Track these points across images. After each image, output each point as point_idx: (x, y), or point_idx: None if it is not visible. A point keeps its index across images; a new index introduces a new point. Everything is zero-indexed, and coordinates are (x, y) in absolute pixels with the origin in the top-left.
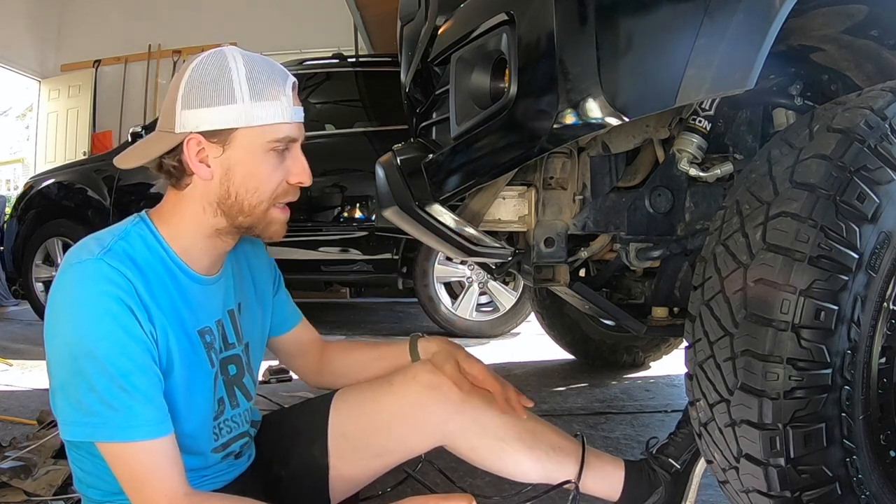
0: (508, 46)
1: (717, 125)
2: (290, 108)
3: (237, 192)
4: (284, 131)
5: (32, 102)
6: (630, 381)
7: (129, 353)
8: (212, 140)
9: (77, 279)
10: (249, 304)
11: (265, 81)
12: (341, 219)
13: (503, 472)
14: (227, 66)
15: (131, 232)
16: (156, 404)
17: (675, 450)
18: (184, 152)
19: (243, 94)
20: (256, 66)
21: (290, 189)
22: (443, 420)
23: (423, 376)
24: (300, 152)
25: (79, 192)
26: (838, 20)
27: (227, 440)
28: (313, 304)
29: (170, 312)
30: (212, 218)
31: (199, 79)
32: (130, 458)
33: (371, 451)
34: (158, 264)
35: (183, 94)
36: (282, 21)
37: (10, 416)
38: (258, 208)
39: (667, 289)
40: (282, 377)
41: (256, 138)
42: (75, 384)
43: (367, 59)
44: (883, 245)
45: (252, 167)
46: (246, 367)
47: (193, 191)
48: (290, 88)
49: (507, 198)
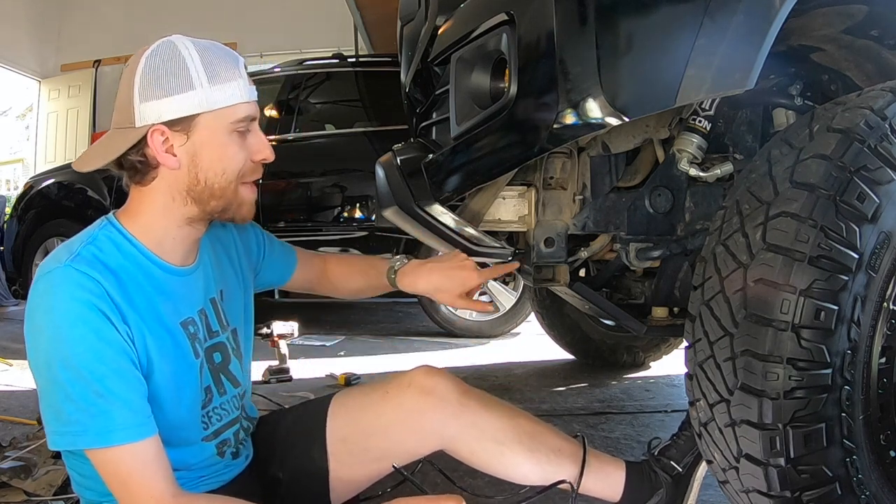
0: (508, 46)
1: (717, 125)
2: (247, 87)
3: (206, 177)
4: (244, 111)
5: (32, 102)
6: (630, 381)
7: (103, 357)
8: (175, 129)
9: (48, 288)
10: (231, 290)
11: (219, 64)
12: (341, 219)
13: (503, 474)
14: (180, 54)
15: (99, 235)
16: (134, 407)
17: (677, 452)
18: (148, 145)
19: (201, 79)
20: (208, 51)
21: (254, 167)
22: (441, 425)
23: (418, 381)
24: (259, 130)
25: (79, 192)
26: (838, 20)
27: (217, 428)
28: (313, 304)
29: (146, 311)
30: (182, 207)
31: (154, 70)
32: (114, 463)
33: (370, 456)
34: (130, 264)
35: (139, 87)
36: (282, 21)
37: (10, 416)
38: (228, 189)
39: (667, 289)
40: (282, 377)
41: (219, 121)
42: (53, 393)
43: (367, 59)
44: (883, 245)
45: (218, 150)
46: (233, 353)
47: (160, 183)
48: (242, 68)
49: (507, 198)
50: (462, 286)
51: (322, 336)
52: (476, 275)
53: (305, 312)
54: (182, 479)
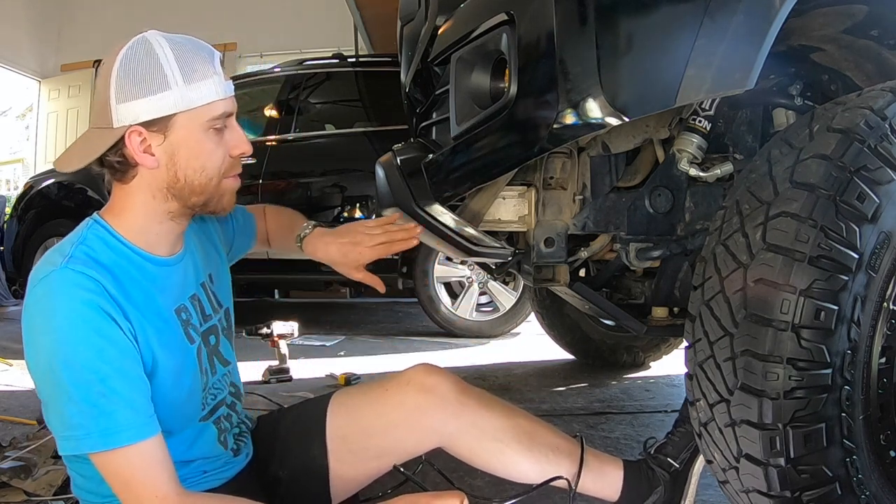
0: (508, 46)
1: (717, 125)
2: (223, 84)
3: (185, 175)
4: (221, 108)
5: (32, 102)
6: (630, 381)
7: (106, 356)
8: (152, 129)
9: (46, 292)
10: (219, 272)
11: (195, 62)
12: (341, 219)
13: (502, 473)
14: (154, 53)
15: (88, 235)
16: (137, 407)
17: (674, 449)
18: (126, 146)
19: (176, 78)
20: (183, 48)
21: (234, 162)
22: (441, 423)
23: (418, 379)
24: (236, 124)
25: (79, 192)
26: (838, 20)
27: (212, 406)
28: (313, 304)
29: (144, 304)
30: (163, 203)
31: (130, 70)
32: (118, 464)
33: (370, 454)
34: (122, 259)
35: (115, 88)
36: (282, 21)
37: (10, 416)
38: (209, 185)
39: (667, 289)
40: (282, 377)
41: (196, 120)
42: (56, 397)
43: (367, 59)
44: (883, 245)
45: (195, 149)
46: (223, 333)
47: (141, 181)
48: (217, 64)
49: (507, 198)
50: (356, 261)
51: (322, 336)
52: (368, 252)
53: (305, 312)
54: (185, 475)
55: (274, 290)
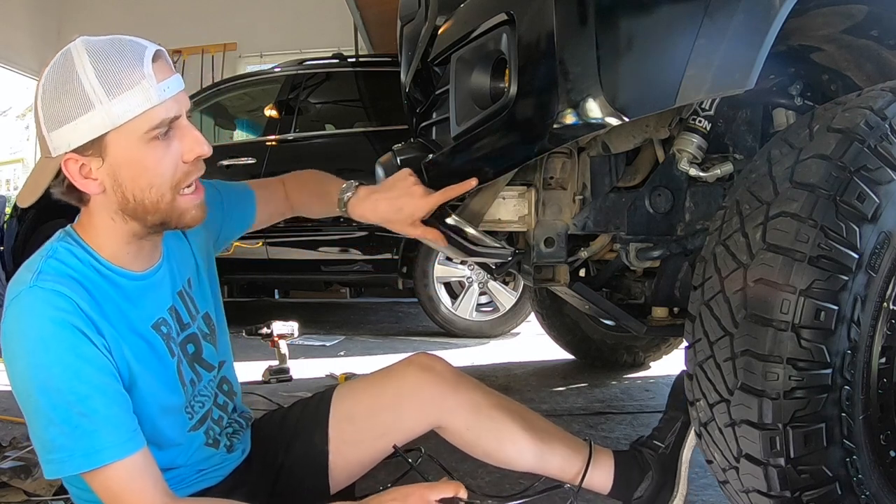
0: (508, 46)
1: (717, 125)
2: (156, 88)
3: (133, 194)
4: (159, 115)
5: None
6: (630, 381)
7: (82, 376)
8: (87, 154)
9: (17, 314)
10: (197, 275)
11: (118, 72)
12: (341, 219)
13: (499, 451)
14: (73, 71)
15: (59, 248)
16: (118, 424)
17: (660, 433)
18: (66, 174)
19: (98, 95)
20: (106, 58)
21: (190, 169)
22: (440, 396)
23: (418, 360)
24: (187, 124)
25: None
26: (838, 20)
27: (201, 415)
28: (313, 304)
29: (118, 319)
30: (124, 225)
31: (51, 94)
32: (104, 481)
33: (371, 434)
34: (94, 274)
35: (42, 115)
36: (282, 21)
37: (10, 416)
38: (162, 202)
39: (667, 289)
40: (282, 377)
41: (131, 135)
42: (36, 420)
43: (367, 59)
44: (883, 245)
45: (137, 166)
46: (205, 339)
47: (96, 205)
48: (149, 66)
49: (507, 198)
50: (411, 216)
51: (322, 336)
52: (424, 202)
53: (305, 312)
54: (180, 476)
55: (274, 290)
